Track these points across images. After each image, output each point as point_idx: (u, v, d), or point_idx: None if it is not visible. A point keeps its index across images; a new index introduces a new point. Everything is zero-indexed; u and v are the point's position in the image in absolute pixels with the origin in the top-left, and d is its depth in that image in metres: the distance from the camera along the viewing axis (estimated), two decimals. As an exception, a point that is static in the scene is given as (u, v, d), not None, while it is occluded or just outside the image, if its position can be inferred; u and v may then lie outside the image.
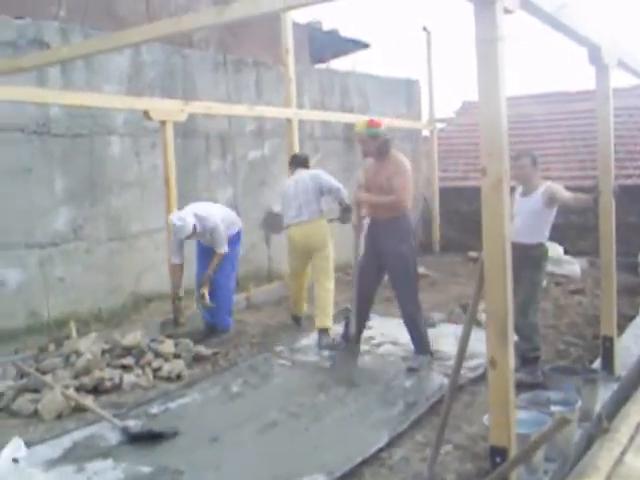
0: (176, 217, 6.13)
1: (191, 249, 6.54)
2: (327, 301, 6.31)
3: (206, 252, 6.42)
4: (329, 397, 4.95)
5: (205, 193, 8.13)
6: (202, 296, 6.33)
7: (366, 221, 5.70)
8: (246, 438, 4.29)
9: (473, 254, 10.56)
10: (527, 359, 5.02)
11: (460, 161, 12.66)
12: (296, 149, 8.24)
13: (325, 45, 13.15)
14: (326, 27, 13.38)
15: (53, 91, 6.23)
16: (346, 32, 13.60)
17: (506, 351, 2.89)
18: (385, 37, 34.72)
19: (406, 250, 5.46)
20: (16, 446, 2.95)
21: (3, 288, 6.09)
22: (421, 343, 5.61)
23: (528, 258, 4.93)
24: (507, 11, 2.83)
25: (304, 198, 6.38)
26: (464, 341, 3.21)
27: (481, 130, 2.90)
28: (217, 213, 6.40)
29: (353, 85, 10.95)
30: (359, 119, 9.84)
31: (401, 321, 5.94)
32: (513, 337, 2.98)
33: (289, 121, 8.39)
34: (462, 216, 11.66)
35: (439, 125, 12.65)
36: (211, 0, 9.65)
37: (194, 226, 6.10)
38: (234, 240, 6.53)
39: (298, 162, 6.82)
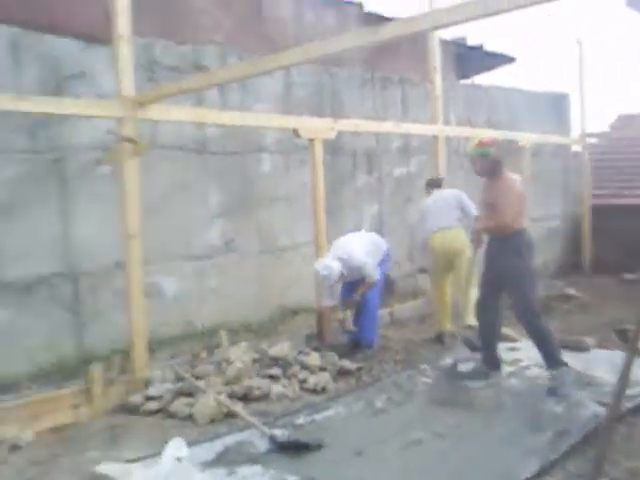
0: (321, 266, 6.21)
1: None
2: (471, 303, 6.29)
3: (352, 279, 6.52)
4: (475, 418, 4.85)
5: (351, 209, 8.26)
6: (345, 319, 6.43)
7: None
8: (390, 454, 4.29)
9: (629, 276, 9.99)
10: None
11: (615, 177, 12.04)
12: (442, 166, 8.22)
13: (470, 60, 12.98)
14: (471, 42, 13.22)
15: (211, 111, 6.57)
16: (491, 46, 13.37)
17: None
18: (531, 50, 33.76)
19: (519, 264, 5.41)
20: (178, 445, 3.14)
21: (162, 297, 6.47)
22: (552, 356, 5.43)
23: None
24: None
25: (445, 209, 6.84)
26: (627, 368, 3.05)
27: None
28: (360, 247, 6.45)
29: (500, 100, 10.74)
30: (506, 135, 9.72)
31: None
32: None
33: (435, 138, 8.37)
34: (617, 235, 11.06)
35: (591, 140, 12.11)
36: (358, 19, 9.83)
37: (341, 272, 6.21)
38: (382, 262, 6.60)
39: (435, 184, 7.38)
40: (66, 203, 5.83)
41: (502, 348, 6.43)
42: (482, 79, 13.88)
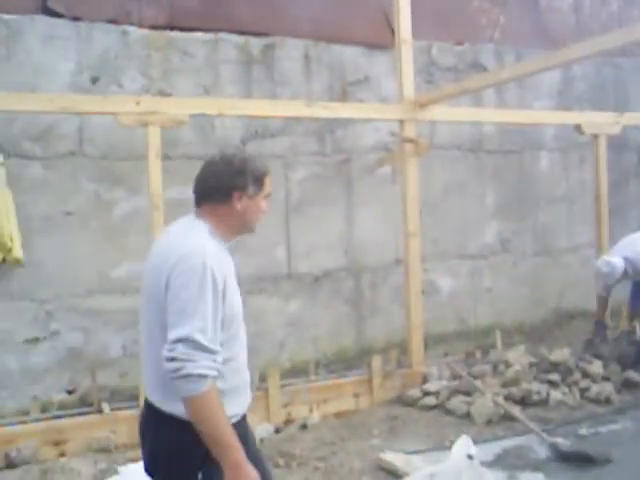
0: (603, 263, 5.81)
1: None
2: None
3: None
4: None
5: (635, 210, 7.69)
6: (633, 328, 6.00)
7: None
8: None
9: None
10: None
11: None
12: None
13: None
14: None
15: (488, 110, 6.53)
16: None
17: None
18: None
19: None
20: (467, 443, 3.18)
21: (437, 295, 6.58)
22: None
23: None
24: None
25: None
26: None
27: None
28: None
29: None
30: None
31: None
32: None
33: None
34: None
35: None
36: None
37: (625, 270, 5.78)
38: None
39: None
40: (350, 202, 6.18)
41: None
42: None
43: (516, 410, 4.95)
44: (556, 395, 5.22)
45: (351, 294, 6.18)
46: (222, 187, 2.20)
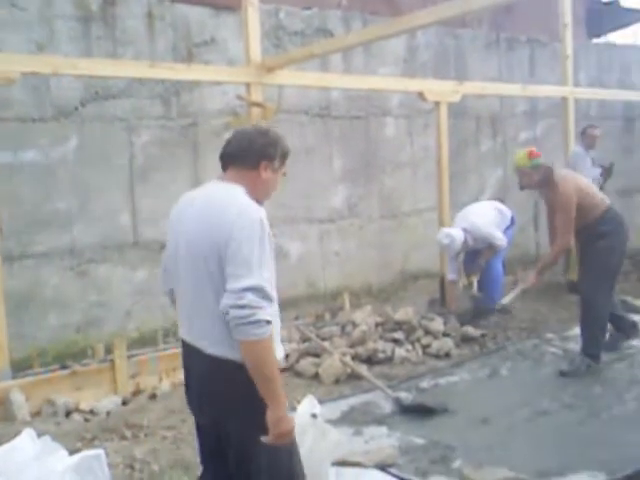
0: (443, 235, 6.20)
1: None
2: None
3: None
4: (606, 391, 4.70)
5: (474, 174, 8.10)
6: (470, 285, 6.36)
7: None
8: (517, 423, 4.24)
9: None
10: None
11: None
12: (571, 130, 7.87)
13: (603, 17, 12.27)
14: (605, -3, 12.49)
15: (337, 75, 6.59)
16: (628, 1, 12.60)
17: None
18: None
19: (602, 246, 4.98)
20: (312, 403, 3.24)
21: (287, 260, 6.63)
22: (588, 344, 5.10)
23: None
24: None
25: None
26: None
27: None
28: (485, 217, 6.39)
29: (635, 60, 10.11)
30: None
31: None
32: None
33: (564, 100, 8.01)
34: None
35: None
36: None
37: (464, 240, 6.15)
38: (508, 228, 6.49)
39: None
40: (198, 167, 6.05)
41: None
42: (616, 37, 13.14)
43: (363, 368, 5.11)
44: (400, 352, 5.44)
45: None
46: (253, 153, 2.39)
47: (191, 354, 2.41)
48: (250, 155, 2.39)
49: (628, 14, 12.67)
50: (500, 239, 6.29)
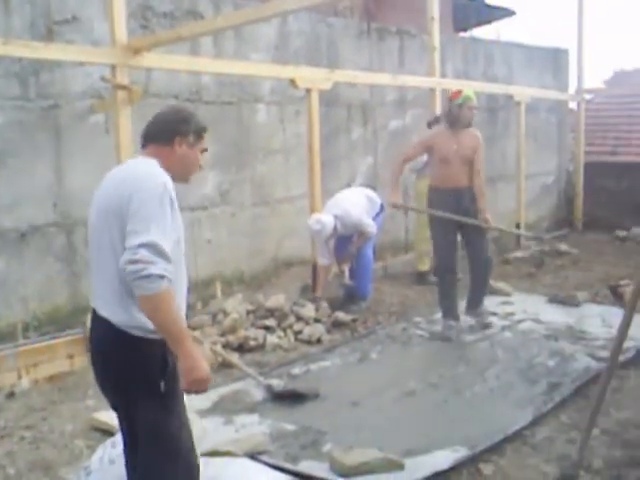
0: (313, 221, 6.27)
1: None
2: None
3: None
4: (469, 370, 4.92)
5: (345, 161, 8.20)
6: (342, 273, 6.45)
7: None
8: (385, 404, 4.35)
9: (621, 233, 10.03)
10: None
11: (609, 135, 11.97)
12: (438, 119, 8.13)
13: (469, 13, 12.79)
14: (470, -6, 13.00)
15: (207, 59, 6.46)
16: (492, -1, 13.17)
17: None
18: (533, 4, 33.29)
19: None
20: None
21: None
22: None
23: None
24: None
25: None
26: (626, 323, 3.07)
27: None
28: (355, 204, 6.51)
29: (497, 54, 10.60)
30: (502, 89, 9.63)
31: (544, 298, 6.13)
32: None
33: (432, 91, 8.27)
34: (610, 193, 11.10)
35: (587, 96, 12.01)
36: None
37: (335, 227, 6.23)
38: (377, 215, 6.62)
39: (436, 122, 7.16)
40: (59, 152, 5.74)
41: (495, 302, 6.51)
42: (481, 32, 13.69)
43: (234, 357, 5.06)
44: (272, 339, 5.44)
45: (63, 250, 5.79)
46: (167, 130, 2.57)
47: (93, 321, 2.56)
48: (165, 132, 2.57)
49: (492, 11, 13.28)
50: (370, 226, 6.42)
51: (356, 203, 6.52)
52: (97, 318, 2.50)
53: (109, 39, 5.39)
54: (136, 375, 2.43)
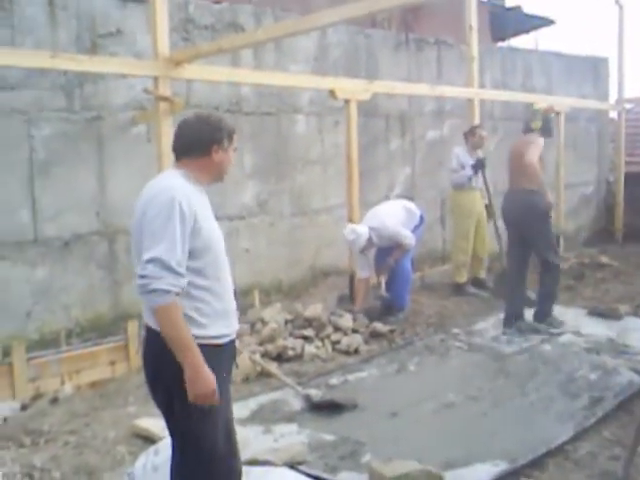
0: (348, 231, 6.30)
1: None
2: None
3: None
4: (508, 383, 4.86)
5: (384, 172, 8.21)
6: (379, 284, 6.45)
7: None
8: (424, 416, 4.33)
9: (662, 244, 9.87)
10: None
11: (650, 145, 11.77)
12: (477, 130, 8.10)
13: (507, 22, 12.74)
14: (509, 3, 12.95)
15: (247, 71, 6.53)
16: (530, 8, 13.10)
17: None
18: (572, 13, 32.97)
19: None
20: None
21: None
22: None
23: None
24: None
25: None
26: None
27: None
28: (392, 216, 6.51)
29: (536, 64, 10.52)
30: (541, 99, 9.53)
31: (584, 311, 6.45)
32: None
33: (470, 101, 8.24)
34: (650, 203, 10.89)
35: (628, 106, 11.83)
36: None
37: (370, 238, 6.24)
38: (417, 227, 6.61)
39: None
40: (102, 162, 5.86)
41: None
42: (520, 42, 13.61)
43: (272, 366, 5.08)
44: (310, 349, 5.45)
45: (105, 258, 5.89)
46: (203, 141, 2.63)
47: (145, 328, 2.67)
48: (201, 144, 2.63)
49: (530, 20, 13.20)
50: (408, 237, 6.40)
51: (393, 215, 6.52)
52: (144, 325, 2.63)
53: (151, 52, 5.50)
54: (171, 379, 2.47)
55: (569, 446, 3.83)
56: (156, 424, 4.10)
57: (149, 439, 3.96)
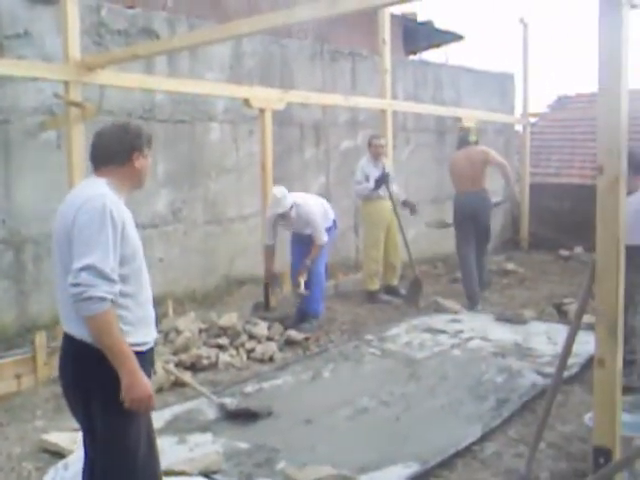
0: (277, 190, 6.35)
1: (285, 237, 6.72)
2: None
3: (301, 243, 6.58)
4: (419, 388, 4.99)
5: (298, 181, 8.27)
6: (298, 285, 6.48)
7: None
8: (339, 422, 4.39)
9: (565, 252, 10.34)
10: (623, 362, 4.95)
11: (553, 157, 12.34)
12: (390, 140, 8.29)
13: (419, 36, 13.09)
14: (420, 18, 13.30)
15: (162, 78, 6.46)
16: (440, 23, 13.51)
17: (615, 351, 2.86)
18: (480, 29, 34.21)
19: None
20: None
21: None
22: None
23: (630, 259, 4.80)
24: (634, 6, 2.77)
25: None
26: (570, 340, 3.19)
27: (599, 127, 2.86)
28: (313, 204, 6.56)
29: (446, 77, 10.85)
30: (451, 112, 9.86)
31: (492, 317, 6.65)
32: (622, 337, 2.93)
33: (383, 112, 8.43)
34: (553, 213, 11.40)
35: (532, 120, 12.37)
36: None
37: (291, 208, 6.27)
38: (330, 229, 6.67)
39: None
40: (9, 168, 5.66)
41: (444, 320, 6.64)
42: (430, 56, 14.00)
43: (186, 375, 5.03)
44: (225, 358, 5.43)
45: (11, 268, 5.68)
46: (124, 149, 2.62)
47: (63, 337, 2.63)
48: (121, 152, 2.63)
49: (440, 35, 13.61)
50: (319, 235, 6.40)
51: (314, 204, 6.59)
52: (63, 333, 2.60)
53: (61, 55, 5.36)
54: (94, 387, 2.49)
55: (477, 446, 3.97)
56: (65, 438, 4.00)
57: (58, 454, 3.85)
